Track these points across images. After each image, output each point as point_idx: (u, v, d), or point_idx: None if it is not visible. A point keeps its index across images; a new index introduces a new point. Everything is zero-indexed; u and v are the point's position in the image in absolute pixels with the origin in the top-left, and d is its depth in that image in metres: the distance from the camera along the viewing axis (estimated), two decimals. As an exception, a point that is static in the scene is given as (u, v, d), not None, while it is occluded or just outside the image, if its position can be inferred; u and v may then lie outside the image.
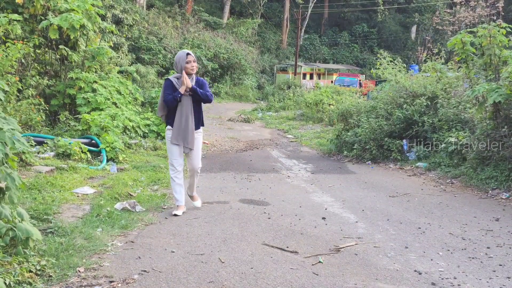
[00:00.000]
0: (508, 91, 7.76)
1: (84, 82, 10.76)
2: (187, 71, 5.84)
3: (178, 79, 5.89)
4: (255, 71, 36.38)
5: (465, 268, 4.11)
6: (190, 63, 5.84)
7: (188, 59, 5.83)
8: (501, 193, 7.26)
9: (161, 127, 11.61)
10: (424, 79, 11.64)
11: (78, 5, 10.57)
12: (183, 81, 5.81)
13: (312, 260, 4.26)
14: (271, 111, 24.94)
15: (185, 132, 5.81)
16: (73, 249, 4.31)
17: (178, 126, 5.82)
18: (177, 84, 5.86)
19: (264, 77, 37.67)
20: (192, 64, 5.85)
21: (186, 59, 5.83)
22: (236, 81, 32.79)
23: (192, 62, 5.85)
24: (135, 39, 25.55)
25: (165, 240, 4.78)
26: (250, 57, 36.13)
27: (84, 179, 7.30)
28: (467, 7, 20.30)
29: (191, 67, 5.85)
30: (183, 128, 5.81)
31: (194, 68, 5.88)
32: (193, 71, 5.88)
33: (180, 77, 5.87)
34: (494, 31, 8.54)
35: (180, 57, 5.89)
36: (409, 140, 10.83)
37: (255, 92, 33.14)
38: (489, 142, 8.08)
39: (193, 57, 5.91)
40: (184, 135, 5.82)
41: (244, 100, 30.89)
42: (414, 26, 47.94)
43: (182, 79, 5.85)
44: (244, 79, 33.16)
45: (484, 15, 19.12)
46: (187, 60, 5.83)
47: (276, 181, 8.47)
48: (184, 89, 5.81)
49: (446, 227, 5.51)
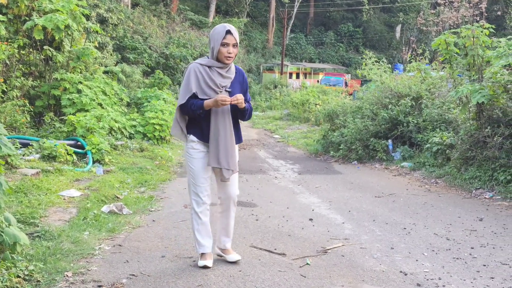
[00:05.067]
0: (491, 92, 7.88)
1: (69, 83, 10.70)
2: (221, 57, 3.90)
3: (210, 68, 3.94)
4: (241, 70, 36.33)
5: (450, 269, 4.18)
6: (227, 47, 3.87)
7: (226, 39, 3.86)
8: (484, 192, 7.37)
9: (148, 128, 11.59)
10: (409, 80, 11.76)
11: (63, 5, 10.50)
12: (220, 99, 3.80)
13: (299, 262, 4.30)
14: (257, 111, 25.02)
15: (226, 150, 3.95)
16: (60, 253, 4.30)
17: (217, 140, 3.92)
18: (203, 80, 3.92)
19: (251, 77, 37.67)
20: (230, 49, 3.88)
21: (222, 39, 3.86)
22: (222, 81, 32.71)
23: (231, 46, 3.88)
24: (120, 38, 25.37)
25: (153, 243, 4.79)
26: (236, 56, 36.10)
27: (70, 182, 7.26)
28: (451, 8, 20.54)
29: (227, 53, 3.88)
30: (224, 142, 3.94)
31: (231, 56, 3.91)
32: (229, 60, 3.92)
33: (211, 65, 3.94)
34: (477, 32, 8.66)
35: (215, 33, 3.91)
36: (394, 140, 10.95)
37: (241, 91, 33.10)
38: (473, 143, 8.20)
39: (235, 38, 3.89)
40: (226, 154, 3.94)
41: (230, 99, 30.84)
42: (398, 26, 48.28)
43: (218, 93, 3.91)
44: (231, 78, 33.10)
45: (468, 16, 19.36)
46: (224, 41, 3.86)
47: (263, 182, 8.51)
48: (217, 104, 3.84)
49: (431, 227, 5.59)
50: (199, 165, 4.00)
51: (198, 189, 4.00)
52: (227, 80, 3.97)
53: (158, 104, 12.73)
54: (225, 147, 3.93)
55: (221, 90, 3.92)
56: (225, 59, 3.88)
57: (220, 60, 3.91)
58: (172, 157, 10.33)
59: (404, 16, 45.68)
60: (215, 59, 3.92)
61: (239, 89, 4.04)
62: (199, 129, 4.00)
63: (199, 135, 3.99)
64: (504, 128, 7.79)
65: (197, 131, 4.01)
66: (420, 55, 12.77)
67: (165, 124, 11.75)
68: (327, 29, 49.53)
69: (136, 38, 27.42)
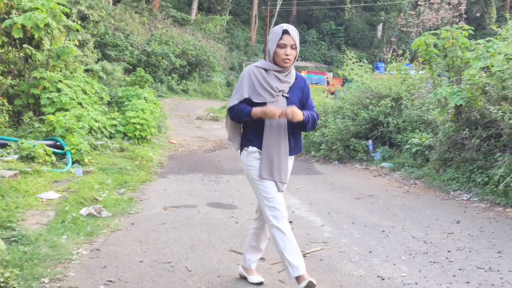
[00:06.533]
0: (470, 94, 7.98)
1: (49, 82, 10.58)
2: (278, 60, 3.56)
3: (267, 71, 3.61)
4: (224, 68, 36.34)
5: (427, 273, 4.23)
6: (284, 48, 3.53)
7: (283, 40, 3.51)
8: (462, 194, 7.47)
9: (128, 127, 11.49)
10: (389, 80, 11.85)
11: (43, 3, 10.36)
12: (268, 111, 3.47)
13: (278, 266, 4.31)
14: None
15: (280, 161, 3.61)
16: (37, 259, 4.24)
17: (269, 151, 3.59)
18: (258, 82, 3.58)
19: (233, 74, 37.64)
20: (287, 50, 3.52)
21: (279, 39, 3.52)
22: (204, 78, 32.67)
23: (288, 47, 3.52)
24: (101, 35, 25.14)
25: (132, 247, 4.76)
26: (219, 54, 36.04)
27: (48, 183, 7.18)
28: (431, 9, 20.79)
29: (284, 55, 3.52)
30: (277, 153, 3.61)
31: (290, 59, 3.54)
32: (286, 63, 3.55)
33: (268, 68, 3.60)
34: (456, 33, 8.77)
35: (272, 34, 3.60)
36: (375, 140, 11.05)
37: (224, 89, 33.11)
38: (451, 144, 8.30)
39: (293, 38, 3.54)
40: (279, 166, 3.61)
41: (213, 97, 30.82)
42: (380, 25, 48.65)
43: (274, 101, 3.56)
44: (213, 76, 33.07)
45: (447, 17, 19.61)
46: (281, 42, 3.52)
47: (244, 183, 8.49)
48: (265, 115, 3.50)
49: (408, 230, 5.65)
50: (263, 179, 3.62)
51: (274, 201, 3.57)
52: (286, 85, 3.61)
53: (139, 103, 12.65)
54: (279, 156, 3.60)
55: (278, 94, 3.57)
56: (283, 62, 3.53)
57: (277, 63, 3.57)
58: (152, 157, 10.27)
59: (386, 15, 46.05)
60: (273, 62, 3.59)
61: (299, 96, 3.69)
62: (255, 137, 3.64)
63: (257, 143, 3.62)
64: (482, 130, 7.90)
65: (252, 138, 3.65)
66: (401, 56, 12.88)
67: (146, 123, 11.68)
68: (310, 27, 49.71)
69: (118, 35, 27.20)
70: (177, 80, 30.26)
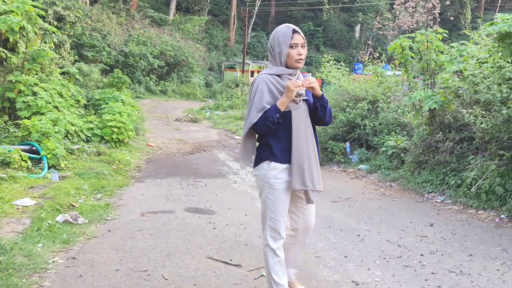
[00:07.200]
0: (443, 98, 8.14)
1: (24, 85, 10.43)
2: (291, 62, 3.39)
3: (280, 77, 3.42)
4: (202, 68, 36.28)
5: (400, 278, 4.31)
6: (297, 48, 3.37)
7: (295, 39, 3.36)
8: (436, 196, 7.61)
9: (105, 131, 11.41)
10: (366, 83, 11.99)
11: (18, 6, 10.22)
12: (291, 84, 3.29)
13: (255, 273, 4.35)
14: (219, 110, 24.95)
15: (311, 167, 3.40)
16: (12, 268, 4.22)
17: (300, 158, 3.37)
18: (277, 91, 3.38)
19: (212, 75, 37.61)
20: (300, 50, 3.38)
21: (290, 40, 3.35)
22: (183, 79, 32.58)
23: (300, 46, 3.38)
24: (78, 36, 24.90)
25: (108, 255, 4.75)
26: (198, 54, 35.99)
27: (24, 189, 7.10)
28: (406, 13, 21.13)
29: (298, 55, 3.38)
30: (307, 161, 3.38)
31: (302, 58, 3.41)
32: (299, 63, 3.41)
33: (281, 72, 3.41)
34: (431, 37, 8.92)
35: (280, 35, 3.39)
36: (352, 142, 11.17)
37: (203, 90, 33.05)
38: (425, 147, 8.45)
39: (302, 37, 3.41)
40: (311, 172, 3.40)
41: (192, 98, 30.75)
42: (358, 25, 49.09)
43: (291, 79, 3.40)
44: (192, 76, 33.00)
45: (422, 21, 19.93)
46: (293, 41, 3.36)
47: (222, 186, 8.53)
48: (291, 92, 3.30)
49: (383, 233, 5.75)
50: (282, 197, 3.44)
51: (278, 224, 3.46)
52: (302, 88, 3.40)
53: (116, 106, 12.56)
54: (309, 164, 3.38)
55: (300, 100, 3.39)
56: (296, 62, 3.37)
57: (289, 65, 3.39)
58: (130, 160, 10.22)
59: (363, 16, 46.48)
60: (284, 65, 3.42)
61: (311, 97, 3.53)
62: (278, 146, 3.41)
63: (278, 154, 3.40)
64: (455, 133, 8.06)
65: (273, 148, 3.42)
66: (377, 59, 13.03)
67: (123, 126, 11.60)
68: (288, 27, 49.91)
69: (95, 36, 26.98)
70: (155, 81, 30.13)
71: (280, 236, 3.48)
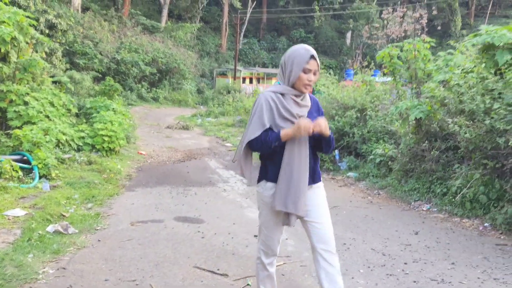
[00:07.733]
0: (429, 107, 8.29)
1: (16, 95, 10.49)
2: (298, 84, 3.32)
3: (284, 96, 3.35)
4: (194, 75, 36.38)
5: (382, 286, 4.42)
6: (309, 73, 3.29)
7: (310, 65, 3.26)
8: (422, 204, 7.74)
9: (97, 139, 11.48)
10: (354, 92, 12.15)
11: (9, 16, 10.29)
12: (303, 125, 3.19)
13: (241, 283, 4.45)
14: (210, 116, 25.04)
15: (298, 190, 3.31)
16: (3, 279, 4.29)
17: (287, 180, 3.31)
18: (277, 110, 3.32)
19: (204, 81, 37.74)
20: (311, 76, 3.31)
21: (306, 64, 3.26)
22: (175, 86, 32.67)
23: (312, 73, 3.30)
24: (69, 44, 24.95)
25: (98, 265, 4.83)
26: (189, 61, 36.08)
27: (15, 200, 7.16)
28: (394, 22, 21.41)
29: (307, 80, 3.31)
30: (295, 183, 3.31)
31: (311, 85, 3.35)
32: (307, 89, 3.35)
33: (286, 92, 3.35)
34: (418, 46, 9.09)
35: (296, 55, 3.31)
36: (341, 150, 11.30)
37: (194, 96, 33.14)
38: (412, 156, 8.59)
39: (318, 64, 3.32)
40: (296, 195, 3.31)
41: (184, 105, 30.83)
42: (349, 32, 49.46)
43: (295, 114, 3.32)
44: (183, 83, 33.09)
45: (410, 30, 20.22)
46: (307, 66, 3.27)
47: (212, 195, 8.62)
48: (300, 131, 3.21)
49: (369, 242, 5.86)
50: (277, 217, 3.42)
51: (271, 241, 3.51)
52: (304, 109, 3.37)
53: (107, 115, 12.63)
54: (298, 187, 3.29)
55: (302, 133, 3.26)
56: (304, 87, 3.31)
57: (296, 87, 3.32)
58: (121, 169, 10.29)
59: (354, 23, 46.83)
60: (291, 86, 3.35)
61: None
62: (273, 168, 3.37)
63: (272, 175, 3.37)
64: (441, 142, 8.21)
65: (269, 170, 3.40)
66: (366, 67, 13.20)
67: (114, 135, 11.67)
68: (280, 34, 50.23)
69: (87, 43, 27.03)
70: (147, 88, 30.21)
71: (272, 252, 3.55)
